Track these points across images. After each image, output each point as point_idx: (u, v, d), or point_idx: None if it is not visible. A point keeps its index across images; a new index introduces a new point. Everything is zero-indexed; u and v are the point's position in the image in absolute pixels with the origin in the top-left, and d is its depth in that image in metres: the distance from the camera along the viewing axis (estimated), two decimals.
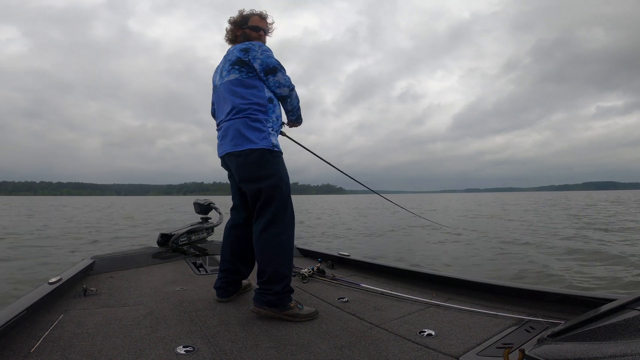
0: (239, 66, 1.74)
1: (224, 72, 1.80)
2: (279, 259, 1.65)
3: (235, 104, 1.72)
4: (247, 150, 1.67)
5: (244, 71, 1.73)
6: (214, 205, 3.24)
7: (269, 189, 1.68)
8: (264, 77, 1.74)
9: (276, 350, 1.28)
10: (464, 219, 13.81)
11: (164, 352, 1.24)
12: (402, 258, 5.93)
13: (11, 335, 1.31)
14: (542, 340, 0.93)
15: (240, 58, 1.73)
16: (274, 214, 1.68)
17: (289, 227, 1.71)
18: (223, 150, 1.78)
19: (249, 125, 1.68)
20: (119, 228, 11.42)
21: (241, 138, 1.68)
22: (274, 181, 1.69)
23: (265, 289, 1.63)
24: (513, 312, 1.58)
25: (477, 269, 5.09)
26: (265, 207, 1.69)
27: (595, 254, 5.77)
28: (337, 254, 2.76)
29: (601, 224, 10.59)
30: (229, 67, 1.77)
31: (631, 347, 0.71)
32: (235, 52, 1.77)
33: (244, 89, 1.72)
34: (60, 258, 5.91)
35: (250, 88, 1.72)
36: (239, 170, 1.74)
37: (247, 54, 1.73)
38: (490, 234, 8.83)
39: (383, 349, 1.29)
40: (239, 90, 1.73)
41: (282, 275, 1.64)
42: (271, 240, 1.66)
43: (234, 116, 1.72)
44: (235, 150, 1.70)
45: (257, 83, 1.74)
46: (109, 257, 2.60)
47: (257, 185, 1.70)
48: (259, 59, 1.72)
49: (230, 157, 1.74)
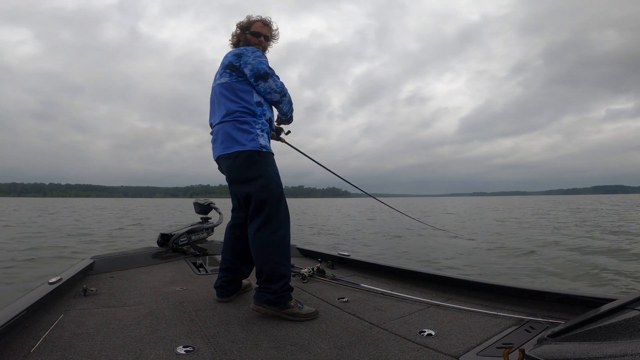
0: (230, 70, 1.78)
1: (217, 75, 1.85)
2: (275, 258, 1.66)
3: (225, 107, 1.76)
4: (235, 152, 1.70)
5: (234, 75, 1.77)
6: (214, 206, 3.24)
7: (258, 190, 1.70)
8: (254, 83, 1.77)
9: (276, 350, 1.28)
10: (493, 225, 12.27)
11: (164, 352, 1.24)
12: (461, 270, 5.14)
13: (11, 335, 1.31)
14: (542, 340, 0.93)
15: (232, 63, 1.78)
16: (267, 215, 1.69)
17: (282, 227, 1.72)
18: (216, 153, 1.81)
19: (237, 128, 1.72)
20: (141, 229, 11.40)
21: (230, 141, 1.72)
22: (263, 182, 1.70)
23: (264, 288, 1.64)
24: (513, 312, 1.58)
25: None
26: (257, 208, 1.71)
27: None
28: (337, 254, 2.76)
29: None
30: (221, 71, 1.82)
31: (631, 347, 0.71)
32: (228, 57, 1.82)
33: (233, 93, 1.76)
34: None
35: (239, 92, 1.76)
36: (228, 172, 1.79)
37: (239, 59, 1.77)
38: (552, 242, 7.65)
39: (383, 349, 1.29)
40: (228, 94, 1.77)
41: (279, 274, 1.64)
42: (265, 240, 1.67)
43: (224, 119, 1.76)
44: (225, 153, 1.74)
45: (246, 87, 1.77)
46: (109, 257, 2.60)
47: (247, 187, 1.73)
48: (250, 64, 1.75)
49: (222, 160, 1.78)
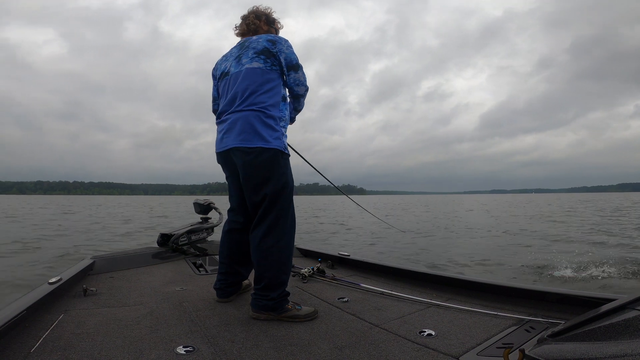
0: (264, 56, 1.67)
1: (244, 59, 1.70)
2: (278, 265, 1.62)
3: (252, 94, 1.63)
4: (258, 148, 1.58)
5: (269, 62, 1.67)
6: (213, 205, 3.25)
7: (275, 193, 1.63)
8: (287, 73, 1.70)
9: (276, 351, 1.28)
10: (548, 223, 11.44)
11: (164, 352, 1.24)
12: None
13: (11, 335, 1.31)
14: (542, 340, 0.93)
15: (268, 48, 1.67)
16: (277, 218, 1.63)
17: (289, 232, 1.68)
18: (226, 144, 1.66)
19: (262, 121, 1.60)
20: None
21: (252, 134, 1.59)
22: (281, 185, 1.64)
23: (262, 295, 1.60)
24: (513, 312, 1.58)
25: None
26: (267, 210, 1.64)
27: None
28: (337, 253, 2.76)
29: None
30: (252, 55, 1.68)
31: (631, 347, 0.71)
32: (262, 42, 1.70)
33: (265, 81, 1.65)
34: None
35: (270, 81, 1.67)
36: (246, 168, 1.63)
37: (274, 45, 1.68)
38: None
39: (383, 349, 1.29)
40: (259, 80, 1.64)
41: (280, 281, 1.61)
42: (272, 246, 1.62)
43: (247, 107, 1.62)
44: (245, 146, 1.59)
45: (277, 78, 1.69)
46: (109, 257, 2.60)
47: (264, 187, 1.63)
48: (284, 52, 1.68)
49: (237, 153, 1.63)
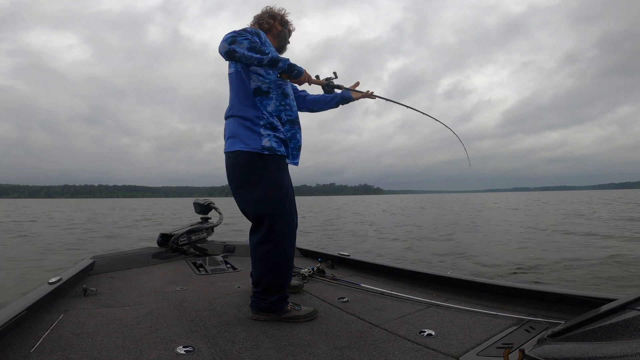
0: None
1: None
2: (276, 271, 1.60)
3: (233, 98, 1.66)
4: (236, 151, 1.60)
5: (234, 64, 1.64)
6: (213, 205, 3.25)
7: (255, 202, 1.59)
8: (228, 60, 1.58)
9: (276, 351, 1.28)
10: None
11: (164, 352, 1.24)
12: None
13: (11, 335, 1.31)
14: (542, 340, 0.93)
15: None
16: (271, 223, 1.58)
17: (285, 240, 1.61)
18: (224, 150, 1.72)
19: (241, 124, 1.61)
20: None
21: (234, 138, 1.62)
22: (260, 193, 1.58)
23: (261, 298, 1.60)
24: (513, 312, 1.58)
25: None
26: (258, 218, 1.60)
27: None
28: (337, 254, 2.76)
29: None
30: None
31: (631, 347, 0.71)
32: None
33: (238, 83, 1.64)
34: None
35: (239, 82, 1.63)
36: (227, 171, 1.66)
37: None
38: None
39: (383, 349, 1.29)
40: (234, 85, 1.65)
41: (278, 286, 1.61)
42: (267, 253, 1.59)
43: (227, 113, 1.67)
44: (227, 151, 1.64)
45: (244, 75, 1.62)
46: (109, 257, 2.60)
47: (246, 193, 1.62)
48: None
49: (225, 157, 1.67)
